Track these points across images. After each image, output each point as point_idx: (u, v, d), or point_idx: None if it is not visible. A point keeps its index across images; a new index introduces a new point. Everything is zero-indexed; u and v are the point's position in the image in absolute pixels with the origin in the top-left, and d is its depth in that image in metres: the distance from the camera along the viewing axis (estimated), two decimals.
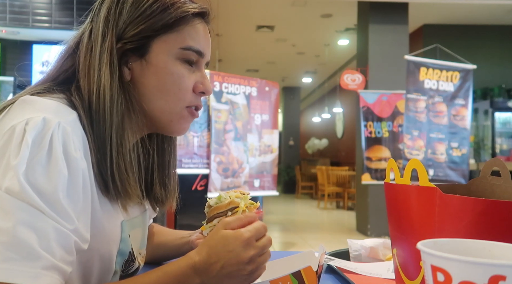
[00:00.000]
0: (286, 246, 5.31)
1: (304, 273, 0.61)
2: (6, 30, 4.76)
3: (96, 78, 0.66)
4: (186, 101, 0.72)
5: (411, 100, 5.00)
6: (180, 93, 0.71)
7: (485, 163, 0.70)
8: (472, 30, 7.27)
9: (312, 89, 13.49)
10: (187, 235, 0.95)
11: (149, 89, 0.70)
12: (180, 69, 0.71)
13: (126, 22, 0.68)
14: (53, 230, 0.55)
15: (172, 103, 0.71)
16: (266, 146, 4.60)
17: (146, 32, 0.68)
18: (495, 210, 0.54)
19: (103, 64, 0.66)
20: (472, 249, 0.47)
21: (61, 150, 0.58)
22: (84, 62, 0.68)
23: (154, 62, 0.69)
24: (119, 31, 0.68)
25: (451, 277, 0.40)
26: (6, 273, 0.51)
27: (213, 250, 0.63)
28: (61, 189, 0.56)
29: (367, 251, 0.98)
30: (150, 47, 0.69)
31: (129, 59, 0.69)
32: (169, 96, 0.70)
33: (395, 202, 0.70)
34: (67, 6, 4.84)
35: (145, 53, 0.69)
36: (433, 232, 0.59)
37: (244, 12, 6.98)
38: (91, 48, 0.68)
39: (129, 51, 0.69)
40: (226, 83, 4.35)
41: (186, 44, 0.70)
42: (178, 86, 0.71)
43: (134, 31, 0.68)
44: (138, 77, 0.70)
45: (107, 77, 0.66)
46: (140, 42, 0.68)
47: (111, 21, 0.68)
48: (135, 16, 0.68)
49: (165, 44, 0.69)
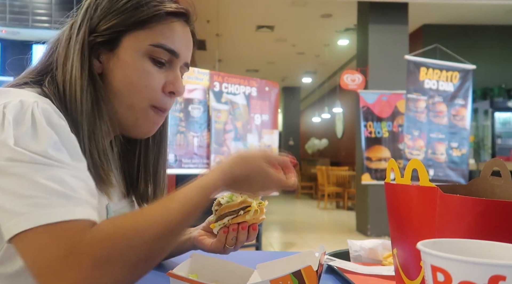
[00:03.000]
0: (286, 246, 5.31)
1: (304, 272, 0.61)
2: (6, 30, 4.75)
3: (69, 67, 0.68)
4: (152, 100, 0.73)
5: (411, 100, 5.00)
6: (146, 90, 0.72)
7: (485, 163, 0.70)
8: (472, 30, 7.27)
9: (312, 89, 13.49)
10: (188, 232, 0.95)
11: (117, 83, 0.71)
12: (147, 66, 0.71)
13: (100, 17, 0.70)
14: (69, 177, 0.56)
15: (137, 100, 0.72)
16: (266, 146, 4.59)
17: (118, 27, 0.70)
18: (495, 210, 0.54)
19: (75, 54, 0.68)
20: (472, 249, 0.47)
21: (44, 121, 0.59)
22: (61, 52, 0.70)
23: (122, 57, 0.71)
24: (92, 25, 0.70)
25: (451, 277, 0.40)
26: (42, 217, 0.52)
27: (240, 159, 0.66)
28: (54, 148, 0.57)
29: (366, 252, 0.98)
30: (120, 42, 0.70)
31: (101, 53, 0.71)
32: (135, 93, 0.71)
33: (396, 202, 0.71)
34: (67, 6, 4.83)
35: (115, 47, 0.70)
36: (433, 232, 0.59)
37: (244, 12, 6.98)
38: (69, 39, 0.70)
39: (100, 44, 0.70)
40: (226, 83, 4.35)
41: (157, 42, 0.71)
42: (144, 83, 0.71)
43: (106, 25, 0.70)
44: (108, 71, 0.71)
45: (78, 68, 0.68)
46: (111, 36, 0.70)
47: (87, 14, 0.70)
48: (110, 11, 0.70)
49: (135, 40, 0.70)
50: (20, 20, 4.71)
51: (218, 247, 0.86)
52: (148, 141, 0.84)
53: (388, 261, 0.95)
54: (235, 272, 0.77)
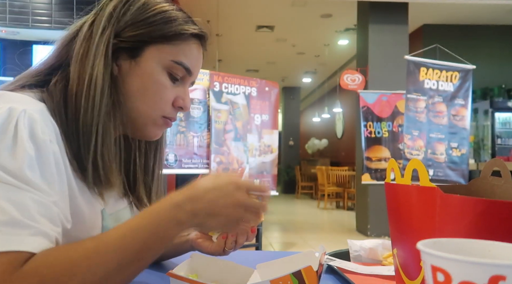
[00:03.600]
0: (286, 246, 5.31)
1: (304, 272, 0.61)
2: (6, 30, 4.75)
3: (89, 66, 0.68)
4: (164, 111, 0.75)
5: (411, 100, 4.99)
6: (161, 102, 0.74)
7: (485, 163, 0.70)
8: (472, 30, 7.27)
9: (312, 89, 13.49)
10: (186, 234, 0.95)
11: (132, 89, 0.72)
12: (164, 80, 0.73)
13: (127, 23, 0.71)
14: (31, 201, 0.56)
15: (151, 109, 0.74)
16: (266, 146, 4.59)
17: (144, 37, 0.71)
18: (495, 210, 0.54)
19: (98, 55, 0.69)
20: (472, 249, 0.47)
21: (26, 134, 0.58)
22: (79, 49, 0.70)
23: (143, 66, 0.72)
24: (118, 29, 0.71)
25: (451, 277, 0.40)
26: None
27: (200, 186, 0.60)
28: (28, 166, 0.57)
29: (366, 252, 0.98)
30: (143, 52, 0.72)
31: (120, 57, 0.72)
32: (149, 102, 0.73)
33: (396, 202, 0.71)
34: (67, 6, 4.84)
35: (136, 55, 0.72)
36: (433, 232, 0.59)
37: (244, 12, 6.98)
38: (89, 37, 0.70)
39: (122, 49, 0.72)
40: (226, 83, 4.35)
41: (178, 59, 0.74)
42: (160, 95, 0.73)
43: (132, 33, 0.71)
44: (125, 75, 0.72)
45: (101, 68, 0.68)
46: (135, 44, 0.72)
47: (114, 17, 0.71)
48: (138, 20, 0.71)
49: (158, 53, 0.72)
50: (20, 20, 4.71)
51: (217, 250, 0.86)
52: (145, 142, 0.84)
53: (388, 261, 0.95)
54: (235, 272, 0.77)
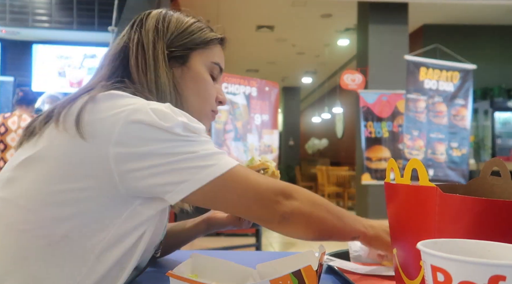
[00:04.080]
0: (286, 246, 5.31)
1: (304, 272, 0.61)
2: (6, 30, 4.76)
3: (153, 76, 0.78)
4: (212, 105, 0.87)
5: (411, 100, 5.00)
6: (210, 98, 0.87)
7: (485, 163, 0.70)
8: (472, 30, 7.27)
9: (312, 89, 13.49)
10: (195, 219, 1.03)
11: (188, 91, 0.83)
12: (209, 78, 0.86)
13: (173, 34, 0.82)
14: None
15: (204, 105, 0.86)
16: (266, 146, 4.60)
17: (189, 45, 0.83)
18: (495, 209, 0.54)
19: (159, 65, 0.79)
20: (472, 249, 0.47)
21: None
22: (136, 63, 0.79)
23: (193, 69, 0.84)
24: (167, 41, 0.82)
25: (451, 277, 0.40)
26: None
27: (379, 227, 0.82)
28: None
29: (366, 253, 0.98)
30: (190, 57, 0.84)
31: (172, 65, 0.82)
32: (202, 99, 0.85)
33: (395, 201, 0.71)
34: (67, 6, 4.84)
35: (186, 61, 0.83)
36: (433, 232, 0.59)
37: (244, 12, 6.98)
38: (141, 51, 0.80)
39: (172, 58, 0.82)
40: (226, 83, 4.36)
41: (216, 60, 0.87)
42: (209, 92, 0.86)
43: (180, 43, 0.82)
44: (179, 80, 0.82)
45: (164, 76, 0.79)
46: (184, 52, 0.83)
47: (160, 31, 0.82)
48: (180, 31, 0.83)
49: (201, 57, 0.85)
50: (20, 20, 4.71)
51: (234, 218, 0.97)
52: None
53: (388, 261, 0.95)
54: (235, 272, 0.77)
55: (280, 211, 0.70)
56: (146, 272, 0.88)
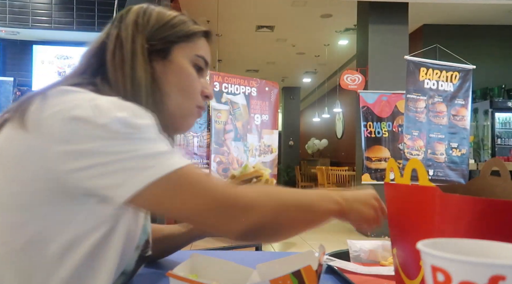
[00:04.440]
0: (286, 246, 5.31)
1: (304, 272, 0.61)
2: (6, 30, 4.75)
3: (130, 71, 0.75)
4: (197, 101, 0.83)
5: (411, 100, 4.99)
6: (194, 93, 0.83)
7: (485, 163, 0.70)
8: (472, 30, 7.27)
9: (312, 89, 13.49)
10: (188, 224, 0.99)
11: (170, 86, 0.79)
12: (193, 72, 0.82)
13: (154, 27, 0.79)
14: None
15: (188, 100, 0.82)
16: (266, 146, 4.59)
17: (171, 38, 0.80)
18: (495, 209, 0.54)
19: (137, 60, 0.76)
20: (472, 249, 0.47)
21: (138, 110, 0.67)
22: (113, 58, 0.76)
23: (175, 63, 0.80)
24: (148, 34, 0.78)
25: (451, 277, 0.40)
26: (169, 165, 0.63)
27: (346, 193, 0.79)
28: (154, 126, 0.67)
29: (366, 254, 0.98)
30: (172, 51, 0.80)
31: (153, 59, 0.79)
32: (186, 94, 0.81)
33: (395, 202, 0.71)
34: (67, 6, 4.84)
35: (168, 55, 0.80)
36: (433, 232, 0.59)
37: (244, 12, 6.98)
38: (119, 46, 0.77)
39: (153, 52, 0.78)
40: (226, 83, 4.35)
41: (200, 53, 0.83)
42: (192, 86, 0.82)
43: (161, 36, 0.79)
44: (160, 75, 0.79)
45: (142, 71, 0.76)
46: (165, 45, 0.79)
47: (140, 25, 0.79)
48: (161, 24, 0.80)
49: (183, 50, 0.81)
50: (20, 20, 4.71)
51: None
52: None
53: (388, 262, 0.95)
54: (235, 272, 0.77)
55: (239, 227, 0.64)
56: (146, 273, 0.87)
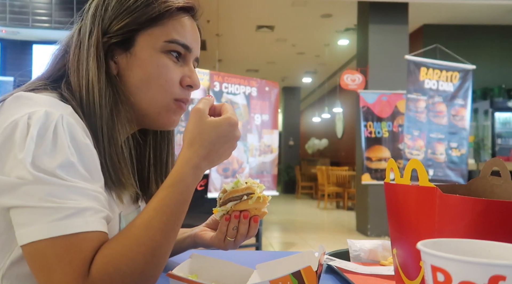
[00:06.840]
0: (286, 246, 5.31)
1: (304, 272, 0.61)
2: (6, 30, 4.75)
3: (84, 72, 0.68)
4: (174, 94, 0.73)
5: (411, 100, 5.00)
6: (167, 85, 0.72)
7: (485, 163, 0.70)
8: (472, 30, 7.27)
9: (312, 89, 13.49)
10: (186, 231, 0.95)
11: (136, 81, 0.71)
12: (165, 61, 0.72)
13: (111, 18, 0.70)
14: (77, 191, 0.57)
15: (159, 94, 0.72)
16: (266, 146, 4.59)
17: (131, 26, 0.70)
18: (495, 210, 0.54)
19: (90, 58, 0.68)
20: (472, 249, 0.47)
21: (67, 139, 0.59)
22: (73, 58, 0.70)
23: (139, 55, 0.71)
24: (104, 26, 0.70)
25: (451, 277, 0.40)
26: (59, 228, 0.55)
27: (207, 141, 0.67)
28: (69, 166, 0.58)
29: (366, 254, 0.98)
30: (135, 41, 0.71)
31: (115, 53, 0.71)
32: (155, 88, 0.72)
33: (395, 202, 0.70)
34: (67, 6, 4.83)
35: (130, 46, 0.71)
36: (433, 232, 0.59)
37: (244, 12, 6.98)
38: (79, 44, 0.70)
39: (115, 45, 0.71)
40: (226, 83, 4.35)
41: (171, 37, 0.72)
42: (164, 78, 0.72)
43: (119, 25, 0.70)
44: (125, 70, 0.71)
45: (94, 71, 0.68)
46: (125, 35, 0.70)
47: (97, 17, 0.70)
48: (120, 11, 0.70)
49: (150, 37, 0.71)
50: (20, 20, 4.71)
51: (219, 239, 0.85)
52: (157, 140, 0.84)
53: (388, 261, 0.95)
54: (235, 272, 0.77)
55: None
56: None
